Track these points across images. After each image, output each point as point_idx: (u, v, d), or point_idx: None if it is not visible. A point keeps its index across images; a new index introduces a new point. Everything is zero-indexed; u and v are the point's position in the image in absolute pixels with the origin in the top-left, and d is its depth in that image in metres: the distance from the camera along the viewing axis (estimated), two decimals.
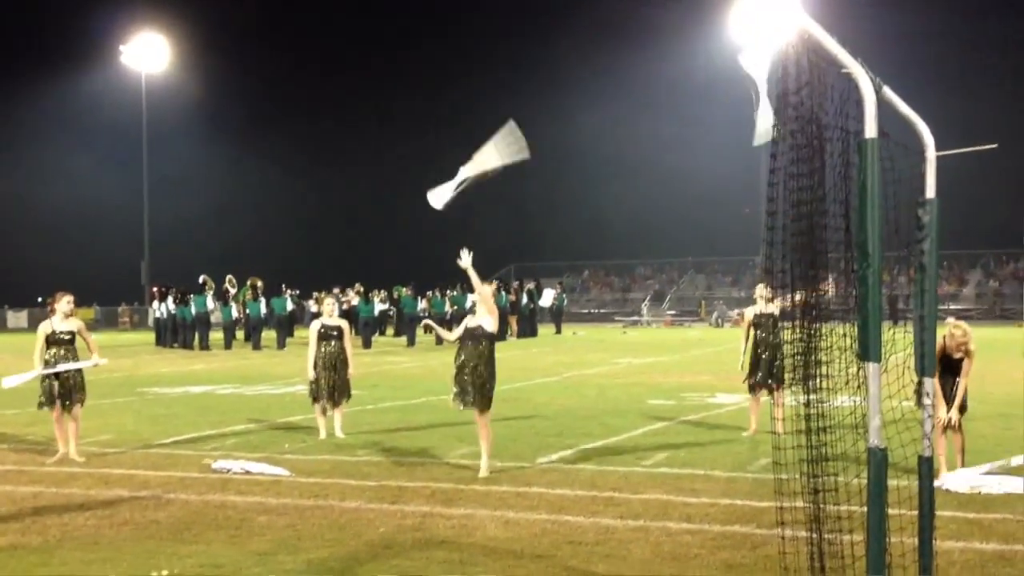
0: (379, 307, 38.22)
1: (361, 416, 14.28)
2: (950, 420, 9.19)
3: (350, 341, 13.02)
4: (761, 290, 12.72)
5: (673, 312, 56.81)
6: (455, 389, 10.14)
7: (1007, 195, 49.96)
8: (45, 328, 11.35)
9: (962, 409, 9.34)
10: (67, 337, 11.34)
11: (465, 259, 9.98)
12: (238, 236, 64.27)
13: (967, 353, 9.19)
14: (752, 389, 12.44)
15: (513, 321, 37.40)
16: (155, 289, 38.59)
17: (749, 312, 12.78)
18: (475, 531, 7.75)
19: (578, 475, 9.86)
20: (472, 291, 10.31)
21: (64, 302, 11.34)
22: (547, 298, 42.93)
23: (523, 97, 58.64)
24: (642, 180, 59.72)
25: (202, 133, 68.33)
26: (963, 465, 9.32)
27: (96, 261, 59.46)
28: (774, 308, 12.36)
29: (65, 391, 11.28)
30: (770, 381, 12.20)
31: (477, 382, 10.00)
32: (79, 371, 11.37)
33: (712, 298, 58.66)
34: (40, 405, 11.43)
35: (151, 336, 38.79)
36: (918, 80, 33.34)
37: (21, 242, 65.88)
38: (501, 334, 20.55)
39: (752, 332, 12.49)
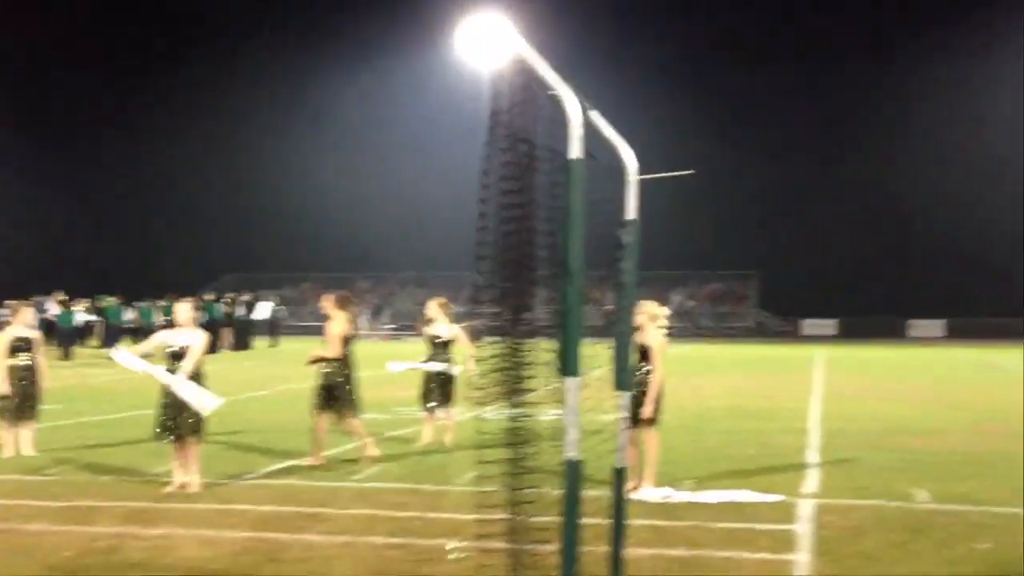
0: (81, 317, 36.02)
1: (57, 432, 13.37)
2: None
3: (43, 353, 12.34)
4: (433, 308, 12.83)
5: (392, 326, 56.91)
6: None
7: (705, 220, 53.30)
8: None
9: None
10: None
11: None
12: None
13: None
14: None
15: (228, 333, 36.30)
16: None
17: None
18: (171, 552, 7.40)
19: (285, 491, 9.64)
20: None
21: None
22: (264, 310, 41.94)
23: (250, 103, 57.00)
24: (364, 193, 59.43)
25: None
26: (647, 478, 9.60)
27: None
28: (441, 330, 12.50)
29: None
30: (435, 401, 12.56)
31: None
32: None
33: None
34: None
35: None
36: (632, 107, 34.85)
37: None
38: (213, 347, 19.74)
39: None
